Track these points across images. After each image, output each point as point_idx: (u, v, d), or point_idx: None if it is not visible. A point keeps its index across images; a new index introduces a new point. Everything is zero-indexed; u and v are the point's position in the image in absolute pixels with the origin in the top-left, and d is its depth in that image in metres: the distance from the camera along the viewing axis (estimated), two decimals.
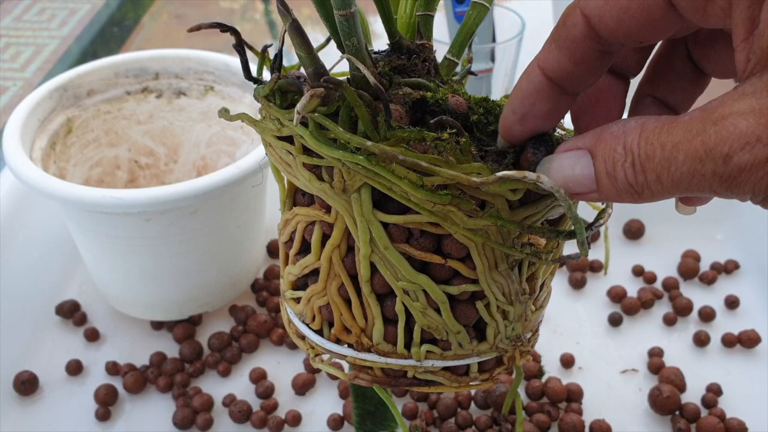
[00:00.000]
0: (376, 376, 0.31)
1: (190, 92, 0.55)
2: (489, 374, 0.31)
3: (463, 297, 0.29)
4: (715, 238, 0.59)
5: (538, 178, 0.24)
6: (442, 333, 0.29)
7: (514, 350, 0.31)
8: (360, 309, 0.29)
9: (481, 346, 0.30)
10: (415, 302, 0.28)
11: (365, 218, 0.27)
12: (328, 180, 0.27)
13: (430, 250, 0.27)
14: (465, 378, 0.31)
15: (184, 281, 0.49)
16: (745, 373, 0.49)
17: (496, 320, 0.29)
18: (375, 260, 0.28)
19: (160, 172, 0.56)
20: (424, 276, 0.28)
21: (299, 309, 0.32)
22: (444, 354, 0.30)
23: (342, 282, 0.29)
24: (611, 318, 0.52)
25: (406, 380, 0.31)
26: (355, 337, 0.30)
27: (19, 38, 1.02)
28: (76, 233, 0.48)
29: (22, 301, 0.51)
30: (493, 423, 0.45)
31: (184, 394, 0.47)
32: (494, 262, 0.28)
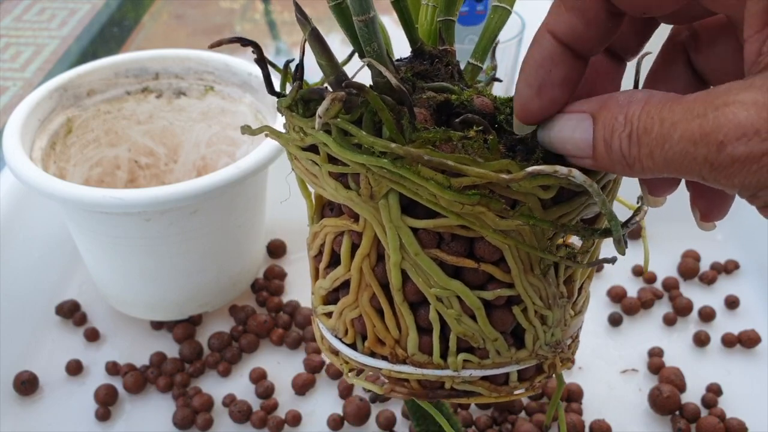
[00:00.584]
0: (413, 389, 0.30)
1: (190, 92, 0.55)
2: (529, 383, 0.31)
3: (499, 302, 0.28)
4: (715, 238, 0.59)
5: (569, 173, 0.23)
6: (479, 341, 0.28)
7: (554, 357, 0.30)
8: (393, 319, 0.29)
9: (520, 354, 0.29)
10: (450, 309, 0.28)
11: (394, 224, 0.26)
12: (354, 188, 0.27)
13: (463, 255, 0.27)
14: (505, 387, 0.30)
15: (184, 281, 0.49)
16: (745, 373, 0.49)
17: (534, 326, 0.29)
18: (406, 267, 0.27)
19: (160, 172, 0.56)
20: (457, 282, 0.27)
21: (331, 324, 0.31)
22: (482, 363, 0.29)
23: (374, 292, 0.29)
24: (611, 318, 0.52)
25: (444, 392, 0.30)
26: (389, 349, 0.29)
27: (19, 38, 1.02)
28: (76, 233, 0.48)
29: (23, 301, 0.51)
30: (493, 423, 0.45)
31: (184, 394, 0.47)
32: (529, 265, 0.27)
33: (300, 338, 0.51)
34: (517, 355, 0.29)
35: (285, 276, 0.56)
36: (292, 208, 0.59)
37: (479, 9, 0.64)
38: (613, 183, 0.28)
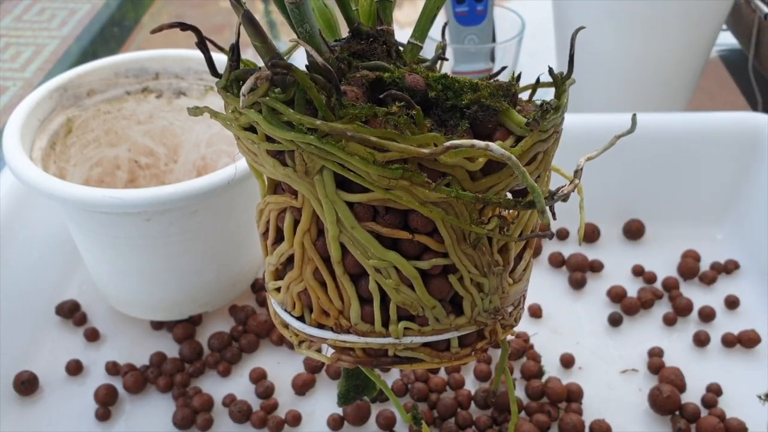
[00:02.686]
0: (358, 357, 0.31)
1: (190, 92, 0.55)
2: (471, 348, 0.32)
3: (435, 271, 0.29)
4: (715, 238, 0.59)
5: (486, 146, 0.24)
6: (418, 309, 0.29)
7: (494, 324, 0.31)
8: (336, 291, 0.30)
9: (458, 321, 0.30)
10: (388, 279, 0.29)
11: (329, 199, 0.27)
12: (291, 165, 0.27)
13: (397, 227, 0.28)
14: (446, 353, 0.31)
15: (184, 281, 0.49)
16: (745, 373, 0.49)
17: (471, 293, 0.30)
18: (344, 240, 0.28)
19: (160, 172, 0.56)
20: (393, 253, 0.28)
21: (281, 298, 0.32)
22: (422, 330, 0.30)
23: (316, 266, 0.30)
24: (611, 318, 0.52)
25: (388, 359, 0.31)
26: (333, 320, 0.30)
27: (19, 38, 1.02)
28: (76, 233, 0.48)
29: (22, 301, 0.51)
30: (493, 423, 0.45)
31: (184, 394, 0.47)
32: (462, 235, 0.28)
33: None
34: (456, 322, 0.30)
35: None
36: None
37: (479, 9, 0.64)
38: (544, 155, 0.29)
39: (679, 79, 0.68)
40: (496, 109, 0.27)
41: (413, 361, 0.31)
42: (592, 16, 0.64)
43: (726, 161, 0.58)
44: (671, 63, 0.66)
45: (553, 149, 0.29)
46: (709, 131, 0.58)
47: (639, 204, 0.59)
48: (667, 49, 0.65)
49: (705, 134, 0.58)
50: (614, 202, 0.59)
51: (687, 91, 0.69)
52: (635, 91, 0.68)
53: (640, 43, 0.64)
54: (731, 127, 0.58)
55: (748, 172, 0.58)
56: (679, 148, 0.58)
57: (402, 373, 0.47)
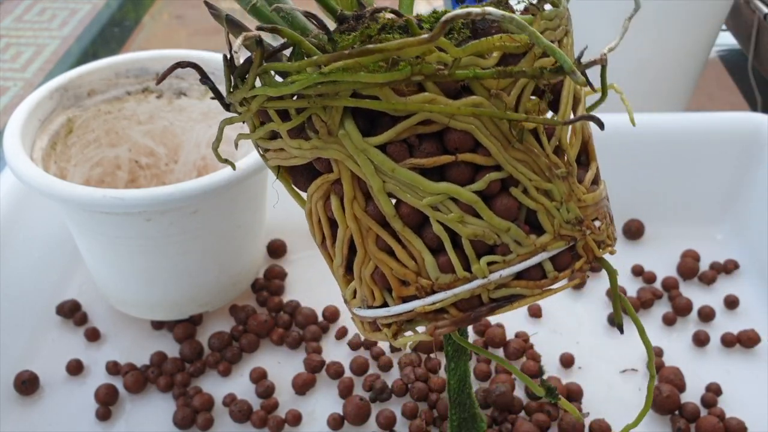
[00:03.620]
0: (453, 316, 0.29)
1: (190, 93, 0.55)
2: (570, 270, 0.29)
3: (495, 189, 0.27)
4: (715, 238, 0.59)
5: (483, 11, 0.23)
6: (493, 236, 0.27)
7: (584, 237, 0.29)
8: (404, 251, 0.28)
9: (542, 239, 0.28)
10: (450, 214, 0.27)
11: (360, 149, 0.26)
12: (313, 134, 0.27)
13: (437, 153, 0.27)
14: (544, 281, 0.29)
15: (184, 281, 0.49)
16: (745, 372, 0.49)
17: (542, 203, 0.28)
18: (391, 189, 0.27)
19: (161, 173, 0.57)
20: (444, 183, 0.27)
21: (359, 298, 0.31)
22: (507, 260, 0.28)
23: (376, 234, 0.28)
24: (611, 318, 0.52)
25: (484, 307, 0.29)
26: (414, 285, 0.29)
27: (20, 38, 1.02)
28: (77, 233, 0.48)
29: (23, 301, 0.51)
30: (493, 423, 0.45)
31: (185, 393, 0.47)
32: (506, 140, 0.27)
33: (300, 338, 0.51)
34: (539, 241, 0.28)
35: (285, 276, 0.56)
36: (293, 209, 0.60)
37: None
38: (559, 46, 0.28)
39: (679, 79, 0.68)
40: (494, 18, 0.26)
41: (512, 299, 0.29)
42: (592, 16, 0.64)
43: (726, 161, 0.58)
44: (671, 63, 0.66)
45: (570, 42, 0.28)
46: (709, 131, 0.58)
47: (638, 204, 0.59)
48: (667, 49, 0.65)
49: (704, 134, 0.58)
50: (614, 202, 0.59)
51: (686, 91, 0.69)
52: (635, 91, 0.68)
53: (639, 43, 0.64)
54: (731, 127, 0.58)
55: (748, 172, 0.58)
56: (678, 148, 0.58)
57: (402, 372, 0.47)
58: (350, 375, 0.48)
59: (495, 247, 0.28)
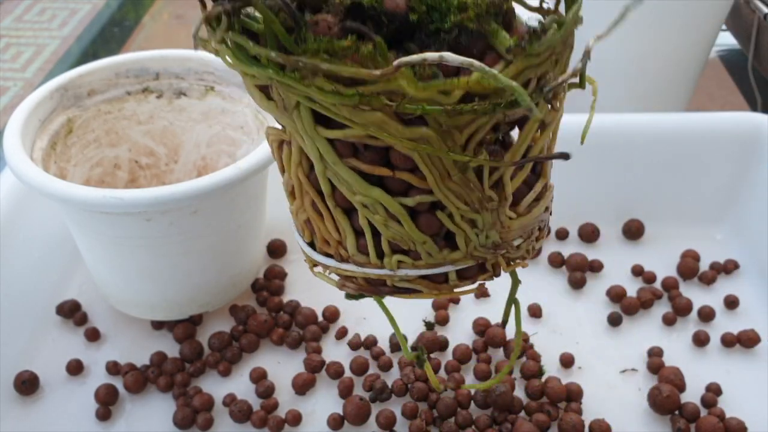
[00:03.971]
0: (360, 284, 0.32)
1: (190, 92, 0.55)
2: (471, 281, 0.31)
3: (422, 208, 0.29)
4: (715, 238, 0.59)
5: (440, 57, 0.23)
6: (409, 243, 0.29)
7: (495, 257, 0.31)
8: (332, 223, 0.30)
9: (453, 255, 0.30)
10: (376, 215, 0.28)
11: (309, 135, 0.27)
12: (275, 99, 0.27)
13: (378, 163, 0.27)
14: (444, 285, 0.31)
15: (184, 281, 0.49)
16: (745, 372, 0.49)
17: (463, 229, 0.29)
18: (330, 176, 0.28)
19: (161, 173, 0.57)
20: (377, 189, 0.28)
21: (296, 224, 0.33)
22: (415, 263, 0.30)
23: (312, 198, 0.30)
24: (611, 318, 0.52)
25: (387, 288, 0.31)
26: (334, 249, 0.31)
27: (20, 38, 1.02)
28: (77, 233, 0.48)
29: (23, 301, 0.51)
30: (492, 422, 0.45)
31: (185, 393, 0.47)
32: (445, 171, 0.27)
33: (300, 338, 0.51)
34: (450, 257, 0.30)
35: (285, 276, 0.56)
36: None
37: None
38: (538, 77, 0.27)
39: (679, 79, 0.68)
40: (481, 33, 0.25)
41: (411, 291, 0.31)
42: (591, 16, 0.64)
43: (725, 161, 0.58)
44: (671, 63, 0.66)
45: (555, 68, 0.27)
46: (709, 131, 0.58)
47: (638, 204, 0.59)
48: (667, 49, 0.65)
49: (704, 134, 0.58)
50: (613, 202, 0.60)
51: (686, 91, 0.69)
52: (634, 91, 0.68)
53: (639, 43, 0.64)
54: (731, 127, 0.58)
55: (748, 172, 0.58)
56: (678, 148, 0.58)
57: (402, 372, 0.47)
58: (350, 375, 0.48)
59: (409, 251, 0.30)
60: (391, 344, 0.50)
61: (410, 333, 0.50)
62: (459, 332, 0.51)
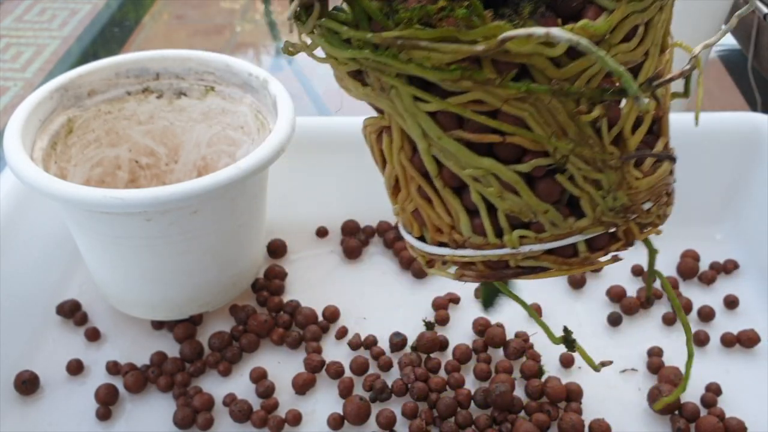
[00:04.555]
0: (480, 271, 0.29)
1: (190, 93, 0.55)
2: (603, 251, 0.29)
3: (539, 173, 0.26)
4: (715, 238, 0.59)
5: (547, 34, 0.21)
6: (529, 215, 0.27)
7: (626, 223, 0.28)
8: (442, 206, 0.28)
9: (580, 223, 0.27)
10: (489, 188, 0.26)
11: (409, 113, 0.26)
12: (370, 83, 0.26)
13: (485, 131, 0.26)
14: (574, 259, 0.28)
15: (184, 281, 0.49)
16: (745, 372, 0.49)
17: (587, 192, 0.27)
18: (435, 153, 0.26)
19: (161, 173, 0.57)
20: (488, 159, 0.26)
21: (402, 221, 0.31)
22: (539, 237, 0.27)
23: (419, 183, 0.28)
24: (610, 318, 0.52)
25: (510, 270, 0.29)
26: (448, 236, 0.29)
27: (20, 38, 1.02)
28: (77, 233, 0.48)
29: (23, 301, 0.51)
30: (492, 422, 0.45)
31: (185, 393, 0.47)
32: (560, 129, 0.25)
33: (300, 338, 0.51)
34: (577, 225, 0.27)
35: (285, 276, 0.56)
36: (293, 209, 0.60)
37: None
38: (646, 28, 0.26)
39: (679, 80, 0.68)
40: None
41: (538, 270, 0.29)
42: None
43: (725, 161, 0.58)
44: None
45: (662, 19, 0.26)
46: (709, 131, 0.58)
47: None
48: None
49: (704, 134, 0.58)
50: None
51: None
52: None
53: None
54: (731, 127, 0.58)
55: (748, 172, 0.58)
56: (678, 148, 0.58)
57: (402, 372, 0.47)
58: (350, 375, 0.48)
59: (530, 223, 0.27)
60: (391, 344, 0.50)
61: (410, 332, 0.50)
62: (459, 332, 0.52)
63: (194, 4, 1.03)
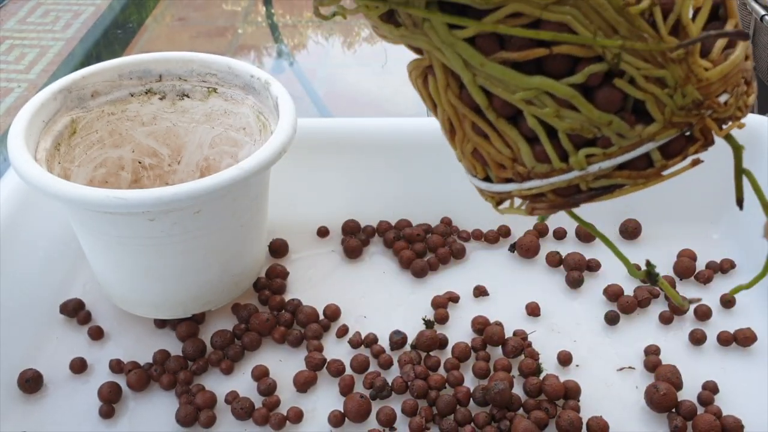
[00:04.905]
0: (551, 200, 0.28)
1: (193, 94, 0.55)
2: (681, 156, 0.27)
3: (595, 81, 0.25)
4: (711, 237, 0.59)
5: None
6: (592, 130, 0.25)
7: (702, 121, 0.26)
8: (500, 139, 0.27)
9: (650, 129, 0.25)
10: (545, 108, 0.25)
11: (447, 43, 0.25)
12: (403, 22, 0.26)
13: (529, 46, 0.24)
14: (650, 171, 0.26)
15: (187, 280, 0.49)
16: (741, 371, 0.49)
17: (652, 92, 0.25)
18: (482, 83, 0.25)
19: (164, 173, 0.57)
20: (537, 77, 0.24)
21: (465, 166, 0.30)
22: (607, 152, 0.25)
23: (472, 120, 0.27)
24: (608, 316, 0.52)
25: (583, 194, 0.27)
26: (511, 170, 0.27)
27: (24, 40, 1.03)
28: (80, 233, 0.49)
29: (27, 300, 0.52)
30: (491, 420, 0.45)
31: (187, 391, 0.48)
32: (609, 27, 0.23)
33: (302, 336, 0.51)
34: (647, 131, 0.25)
35: (287, 275, 0.56)
36: (294, 209, 0.60)
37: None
38: None
39: None
40: None
41: (613, 189, 0.27)
42: None
43: (722, 161, 0.58)
44: None
45: None
46: None
47: (635, 204, 0.60)
48: None
49: None
50: (611, 202, 0.59)
51: None
52: None
53: None
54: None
55: None
56: None
57: (402, 370, 0.48)
58: (351, 373, 0.49)
59: (595, 140, 0.26)
60: (391, 343, 0.50)
61: (410, 331, 0.51)
62: (458, 331, 0.52)
63: (197, 6, 1.03)
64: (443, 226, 0.59)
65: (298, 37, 0.95)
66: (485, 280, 0.55)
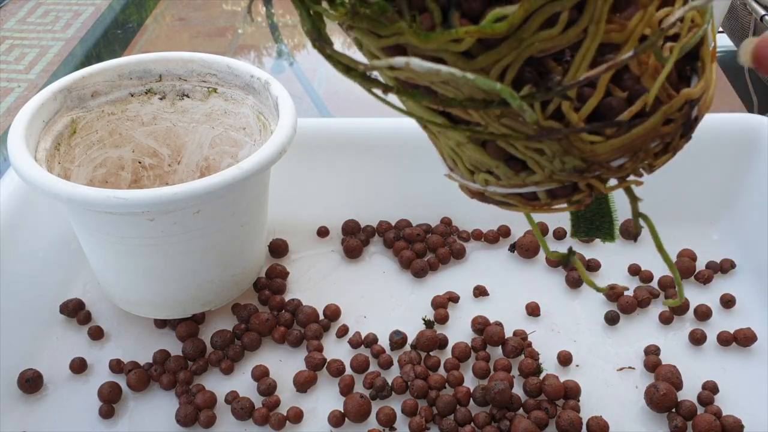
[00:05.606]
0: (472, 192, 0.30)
1: (193, 94, 0.55)
2: (564, 200, 0.28)
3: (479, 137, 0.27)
4: (711, 237, 0.59)
5: (407, 64, 0.22)
6: (485, 167, 0.28)
7: (585, 179, 0.26)
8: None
9: (533, 178, 0.27)
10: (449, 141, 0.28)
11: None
12: None
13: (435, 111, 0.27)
14: (536, 202, 0.28)
15: (187, 280, 0.49)
16: (741, 371, 0.49)
17: (530, 156, 0.26)
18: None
19: (164, 173, 0.57)
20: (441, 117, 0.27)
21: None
22: (499, 182, 0.28)
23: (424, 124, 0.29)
24: (608, 316, 0.52)
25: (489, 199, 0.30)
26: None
27: (24, 40, 1.03)
28: (81, 233, 0.49)
29: (27, 300, 0.52)
30: (491, 420, 0.45)
31: (187, 391, 0.48)
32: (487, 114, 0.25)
33: (301, 336, 0.51)
34: (530, 179, 0.27)
35: (287, 275, 0.56)
36: (294, 209, 0.60)
37: None
38: None
39: None
40: None
41: (509, 204, 0.29)
42: None
43: (722, 162, 0.59)
44: None
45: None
46: (706, 132, 0.58)
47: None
48: None
49: (702, 135, 0.57)
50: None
51: None
52: None
53: None
54: (728, 128, 0.59)
55: (744, 173, 0.58)
56: None
57: (402, 370, 0.48)
58: (351, 373, 0.49)
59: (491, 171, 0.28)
60: (391, 343, 0.50)
61: (410, 331, 0.51)
62: (458, 331, 0.52)
63: (197, 7, 1.03)
64: (443, 226, 0.59)
65: (298, 37, 0.95)
66: (485, 280, 0.55)
